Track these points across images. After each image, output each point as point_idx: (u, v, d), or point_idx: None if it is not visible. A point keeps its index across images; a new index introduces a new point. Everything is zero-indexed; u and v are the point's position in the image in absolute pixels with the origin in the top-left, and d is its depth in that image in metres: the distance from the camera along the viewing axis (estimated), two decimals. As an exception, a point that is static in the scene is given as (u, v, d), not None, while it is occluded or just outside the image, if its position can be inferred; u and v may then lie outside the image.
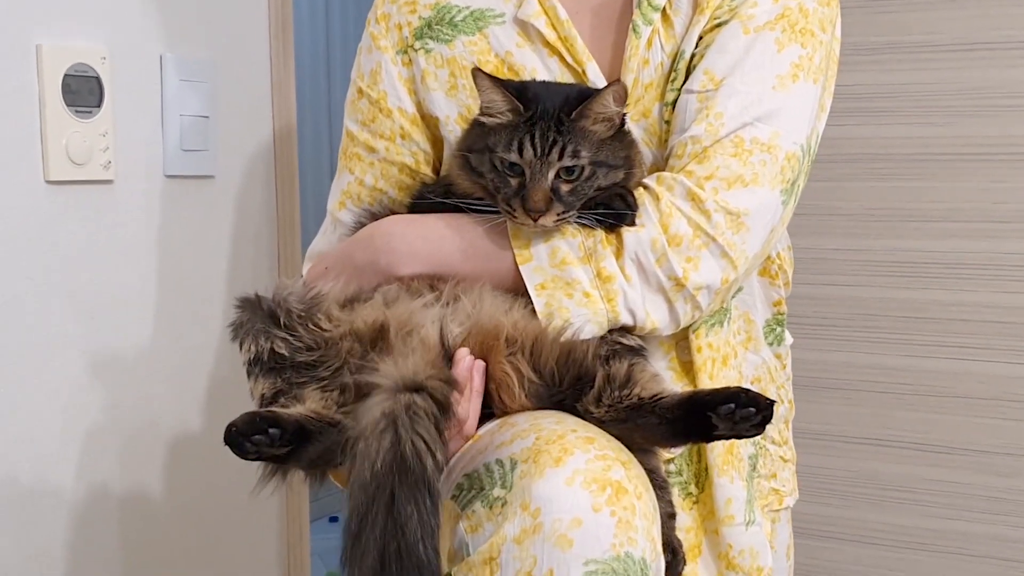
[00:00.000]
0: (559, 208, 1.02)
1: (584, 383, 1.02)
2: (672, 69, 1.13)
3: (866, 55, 1.89)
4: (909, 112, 1.89)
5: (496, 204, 1.05)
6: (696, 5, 1.13)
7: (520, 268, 1.06)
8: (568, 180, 1.03)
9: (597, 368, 1.03)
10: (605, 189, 1.05)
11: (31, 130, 1.32)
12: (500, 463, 0.93)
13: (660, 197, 1.06)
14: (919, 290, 1.91)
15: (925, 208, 1.90)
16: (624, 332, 1.08)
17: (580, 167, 1.03)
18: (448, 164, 1.19)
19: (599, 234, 1.05)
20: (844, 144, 1.90)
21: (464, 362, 1.01)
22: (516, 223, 1.05)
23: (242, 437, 0.91)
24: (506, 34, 1.17)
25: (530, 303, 1.06)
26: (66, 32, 1.35)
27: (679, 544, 1.08)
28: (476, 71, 1.06)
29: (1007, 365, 1.86)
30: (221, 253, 1.60)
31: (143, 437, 1.50)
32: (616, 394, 1.01)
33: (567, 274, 1.05)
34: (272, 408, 0.98)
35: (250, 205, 1.64)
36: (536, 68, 1.16)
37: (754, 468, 1.21)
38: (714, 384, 1.14)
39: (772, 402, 0.95)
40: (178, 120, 1.50)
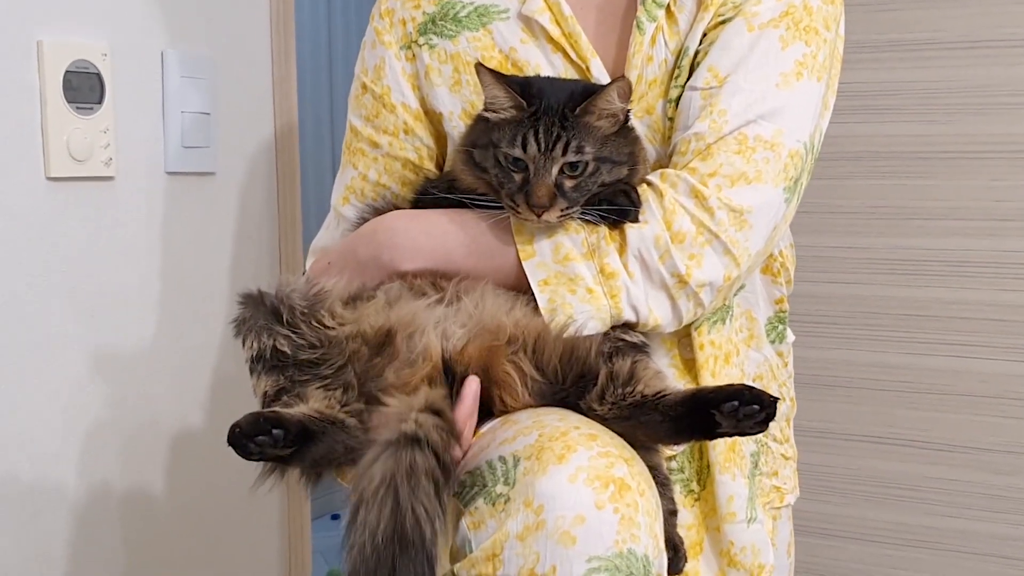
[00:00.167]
0: (563, 204, 1.02)
1: (587, 380, 1.02)
2: (676, 66, 1.13)
3: (868, 53, 1.89)
4: (911, 110, 1.89)
5: (500, 200, 1.05)
6: (700, 2, 1.13)
7: (523, 264, 1.05)
8: (572, 176, 1.03)
9: (600, 365, 1.02)
10: (609, 185, 1.05)
11: (32, 127, 1.32)
12: (503, 460, 0.92)
13: (663, 194, 1.06)
14: (921, 288, 1.91)
15: (927, 206, 1.89)
16: (627, 329, 1.08)
17: (584, 163, 1.03)
18: (452, 160, 1.18)
19: (602, 230, 1.05)
20: (846, 142, 1.90)
21: (468, 400, 1.00)
22: (519, 219, 1.04)
23: (246, 438, 0.90)
24: (510, 30, 1.17)
25: (532, 301, 1.06)
26: (67, 28, 1.35)
27: (680, 541, 1.08)
28: (480, 66, 1.06)
29: (1008, 363, 1.86)
30: (222, 250, 1.60)
31: (144, 435, 1.49)
32: (619, 391, 1.00)
33: (570, 270, 1.05)
34: (275, 408, 0.97)
35: (251, 202, 1.64)
36: (540, 64, 1.15)
37: (756, 465, 1.21)
38: (716, 382, 1.14)
39: (775, 399, 0.94)
40: (179, 117, 1.50)
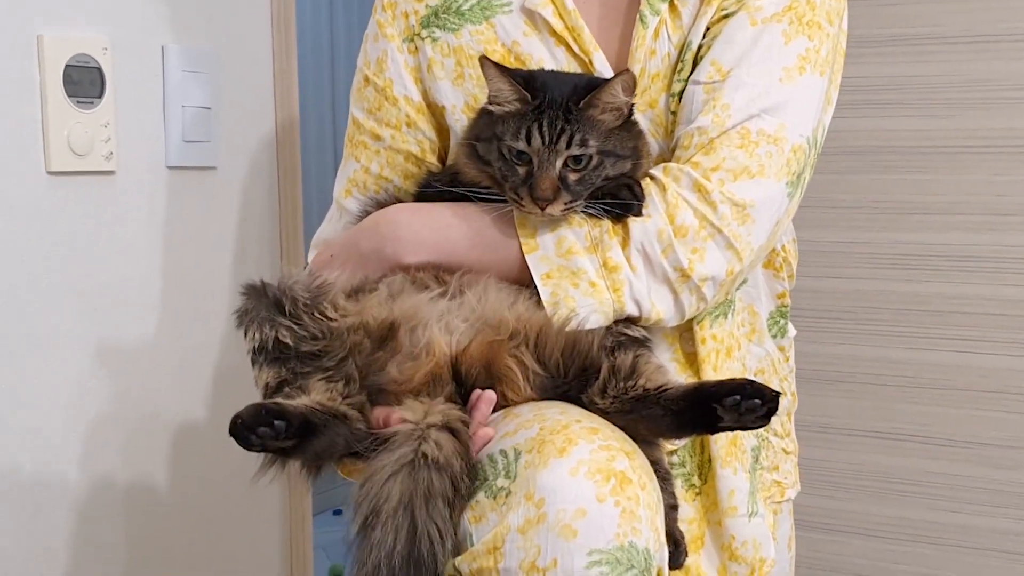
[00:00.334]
0: (566, 197, 1.02)
1: (589, 374, 1.02)
2: (679, 60, 1.13)
3: (870, 47, 1.89)
4: (913, 105, 1.88)
5: (503, 193, 1.05)
6: (703, -4, 1.13)
7: (526, 257, 1.05)
8: (576, 169, 1.03)
9: (602, 359, 1.02)
10: (612, 179, 1.05)
11: (32, 121, 1.32)
12: (504, 453, 0.92)
13: (667, 188, 1.06)
14: (922, 283, 1.91)
15: (928, 201, 1.89)
16: (629, 323, 1.08)
17: (588, 156, 1.03)
18: (455, 153, 1.18)
19: (605, 224, 1.05)
20: (847, 136, 1.90)
21: (482, 412, 1.00)
22: (523, 212, 1.04)
23: (247, 430, 0.90)
24: (513, 23, 1.16)
25: (535, 295, 1.06)
26: (68, 22, 1.35)
27: (681, 535, 1.08)
28: (483, 59, 1.06)
29: (1009, 358, 1.86)
30: (223, 244, 1.60)
31: (146, 429, 1.49)
32: (621, 385, 1.01)
33: (573, 263, 1.05)
34: (278, 400, 0.97)
35: (252, 196, 1.64)
36: (543, 58, 1.15)
37: (757, 460, 1.21)
38: (718, 376, 1.14)
39: (777, 394, 0.94)
40: (180, 111, 1.50)
